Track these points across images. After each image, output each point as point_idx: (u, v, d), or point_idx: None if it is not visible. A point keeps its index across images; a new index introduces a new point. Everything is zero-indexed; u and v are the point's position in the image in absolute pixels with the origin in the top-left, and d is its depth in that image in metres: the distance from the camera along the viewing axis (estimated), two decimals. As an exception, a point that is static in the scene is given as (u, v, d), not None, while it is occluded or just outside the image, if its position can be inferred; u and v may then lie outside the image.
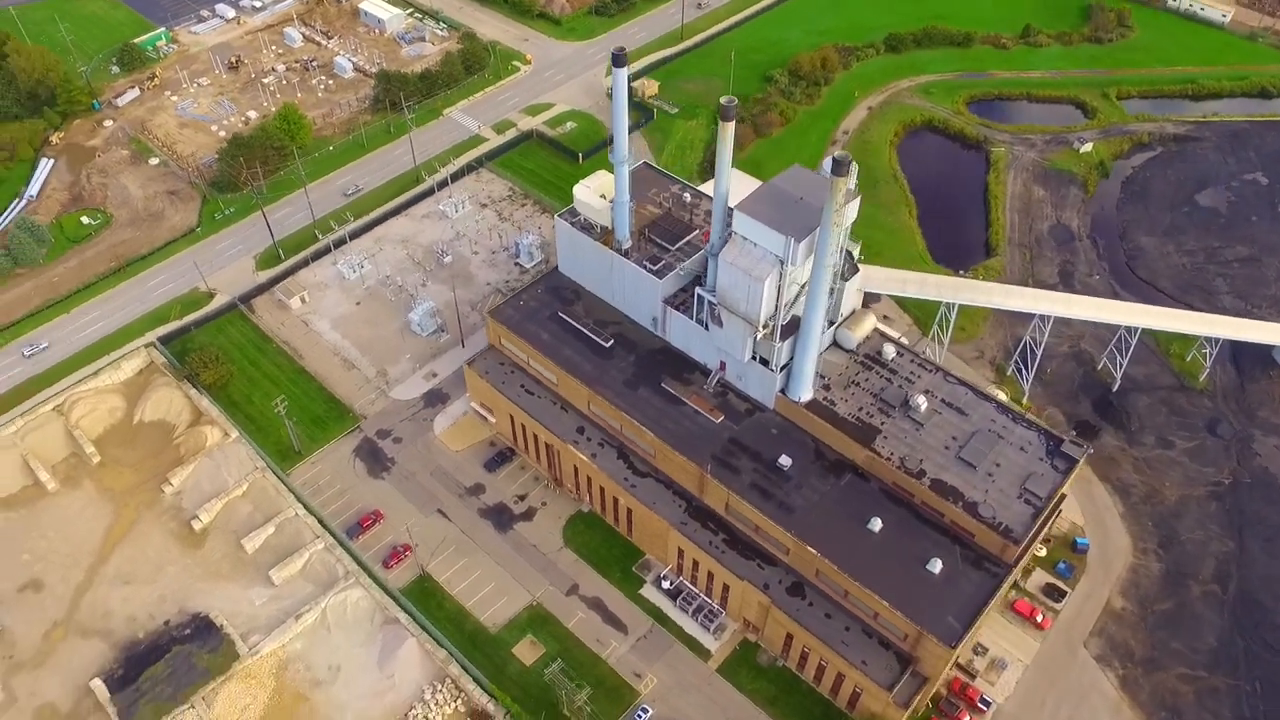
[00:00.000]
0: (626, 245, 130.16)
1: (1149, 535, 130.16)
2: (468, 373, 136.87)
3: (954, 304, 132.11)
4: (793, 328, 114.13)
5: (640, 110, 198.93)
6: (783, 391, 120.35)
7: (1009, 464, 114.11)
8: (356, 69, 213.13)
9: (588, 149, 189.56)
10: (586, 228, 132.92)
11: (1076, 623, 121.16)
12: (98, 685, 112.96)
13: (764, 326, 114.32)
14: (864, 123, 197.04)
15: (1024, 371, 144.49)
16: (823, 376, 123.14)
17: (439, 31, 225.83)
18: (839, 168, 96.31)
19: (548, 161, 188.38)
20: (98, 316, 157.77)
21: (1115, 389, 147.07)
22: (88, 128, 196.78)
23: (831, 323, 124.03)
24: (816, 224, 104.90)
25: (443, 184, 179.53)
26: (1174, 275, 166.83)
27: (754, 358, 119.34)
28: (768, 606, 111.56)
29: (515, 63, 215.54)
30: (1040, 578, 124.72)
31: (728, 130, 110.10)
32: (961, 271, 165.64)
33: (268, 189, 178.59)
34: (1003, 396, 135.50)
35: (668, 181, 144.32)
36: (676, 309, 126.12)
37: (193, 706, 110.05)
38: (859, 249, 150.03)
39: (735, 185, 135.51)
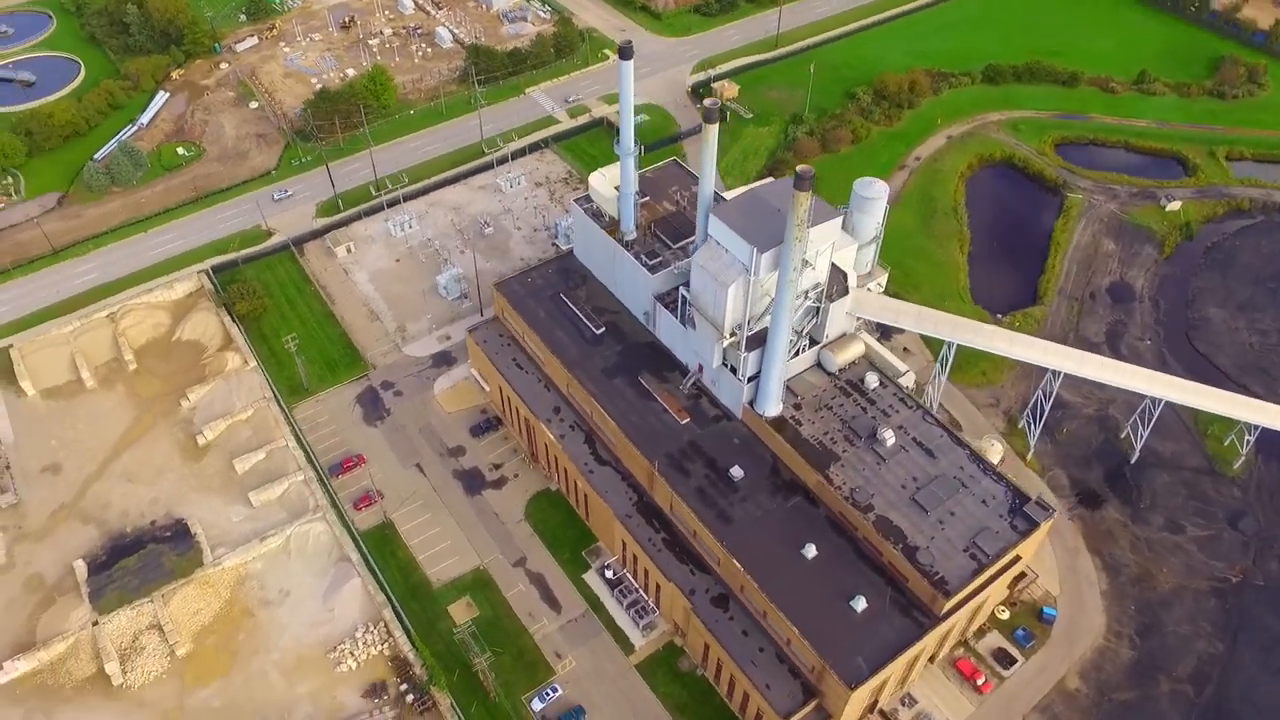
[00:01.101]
0: (630, 237, 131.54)
1: (1128, 619, 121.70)
2: (469, 339, 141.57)
3: (952, 343, 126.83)
4: (761, 339, 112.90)
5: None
6: (750, 403, 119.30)
7: (964, 515, 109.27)
8: (455, 40, 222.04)
9: (651, 142, 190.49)
10: (597, 215, 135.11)
11: (1022, 694, 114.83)
12: (79, 565, 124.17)
13: (730, 334, 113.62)
14: (939, 151, 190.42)
15: (1033, 426, 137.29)
16: (796, 395, 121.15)
17: (541, 14, 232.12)
18: (800, 182, 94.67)
19: (611, 150, 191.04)
20: (169, 239, 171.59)
21: (1133, 461, 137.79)
22: (206, 68, 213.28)
23: (815, 342, 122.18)
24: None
25: (503, 159, 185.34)
26: (1237, 353, 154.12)
27: (725, 365, 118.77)
28: (689, 612, 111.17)
29: (606, 51, 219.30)
30: (994, 640, 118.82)
31: (711, 132, 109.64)
32: (998, 315, 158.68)
33: (344, 143, 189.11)
34: (996, 449, 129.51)
35: (691, 180, 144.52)
36: (666, 307, 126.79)
37: (151, 601, 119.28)
38: (886, 276, 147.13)
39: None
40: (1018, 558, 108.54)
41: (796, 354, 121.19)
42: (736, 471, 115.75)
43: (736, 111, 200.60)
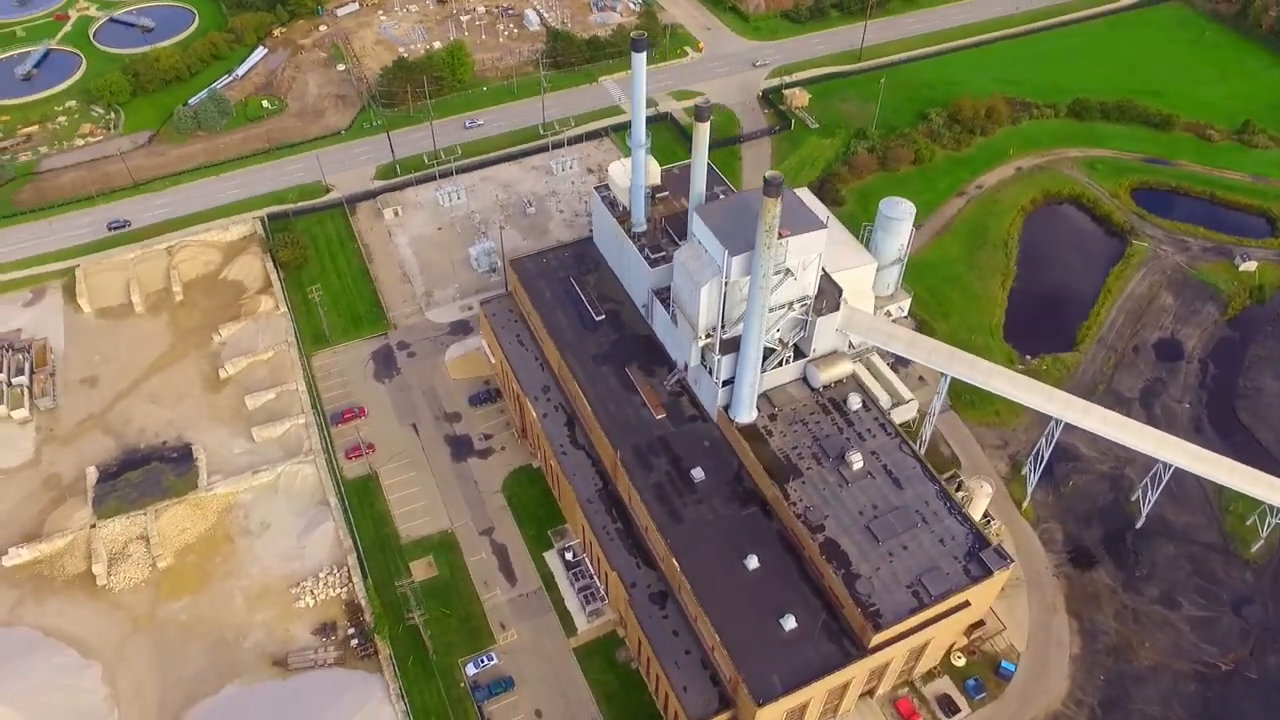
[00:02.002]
0: (640, 229, 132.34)
1: (1093, 689, 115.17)
2: (480, 311, 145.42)
3: (946, 375, 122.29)
4: (735, 345, 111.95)
5: (780, 117, 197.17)
6: (725, 408, 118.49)
7: (917, 551, 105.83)
8: (542, 23, 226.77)
9: (710, 142, 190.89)
10: (612, 205, 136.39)
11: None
12: (91, 472, 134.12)
13: (706, 335, 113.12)
14: (1004, 182, 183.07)
15: (1034, 474, 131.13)
16: (774, 405, 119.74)
17: (632, 4, 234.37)
18: (770, 189, 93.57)
19: (668, 145, 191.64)
20: (235, 185, 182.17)
21: (1138, 526, 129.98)
22: (305, 29, 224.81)
23: (802, 355, 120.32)
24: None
25: (559, 144, 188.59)
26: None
27: (704, 365, 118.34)
28: (627, 604, 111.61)
29: (686, 48, 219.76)
30: (943, 686, 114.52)
31: (702, 130, 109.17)
32: (1027, 357, 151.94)
33: (414, 112, 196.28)
34: (985, 491, 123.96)
35: (716, 182, 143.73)
36: (662, 302, 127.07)
37: (145, 514, 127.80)
38: (909, 300, 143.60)
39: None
40: (966, 603, 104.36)
41: (781, 364, 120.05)
42: (698, 473, 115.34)
43: (803, 120, 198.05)
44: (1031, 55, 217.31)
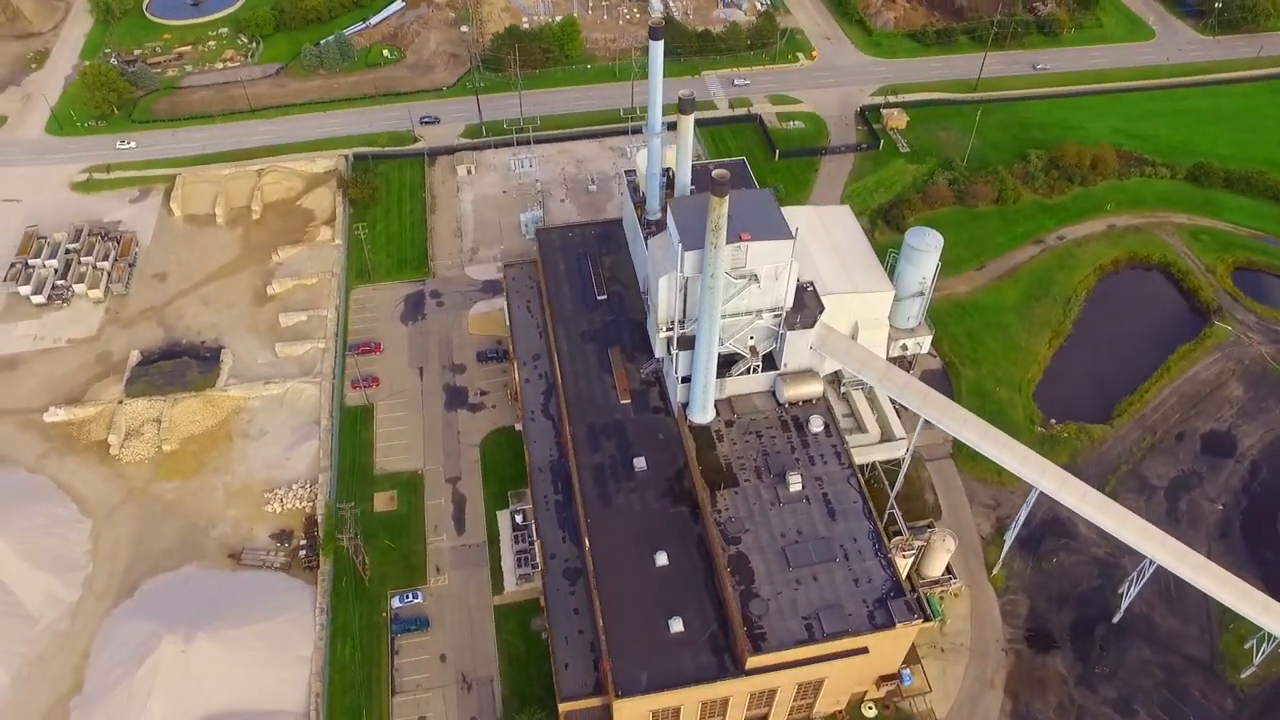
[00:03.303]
0: (654, 217, 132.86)
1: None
2: (503, 273, 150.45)
3: (920, 417, 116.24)
4: (691, 343, 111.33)
5: (872, 136, 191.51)
6: (685, 405, 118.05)
7: (826, 584, 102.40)
8: (666, 10, 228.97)
9: (789, 149, 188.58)
10: (634, 190, 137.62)
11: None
12: (134, 355, 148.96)
13: (666, 327, 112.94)
14: (1090, 237, 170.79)
15: (1009, 540, 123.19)
16: (734, 412, 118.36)
17: (759, 4, 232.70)
18: (717, 188, 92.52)
19: (748, 146, 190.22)
20: (334, 123, 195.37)
21: (1115, 620, 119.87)
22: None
23: (774, 367, 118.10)
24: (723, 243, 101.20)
25: (638, 129, 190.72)
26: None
27: (671, 358, 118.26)
28: (541, 573, 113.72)
29: (800, 54, 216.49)
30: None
31: (685, 123, 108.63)
32: (1052, 420, 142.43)
33: (514, 79, 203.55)
34: (948, 545, 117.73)
35: (746, 183, 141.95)
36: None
37: (164, 399, 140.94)
38: (930, 337, 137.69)
39: (818, 219, 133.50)
40: (864, 649, 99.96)
41: (749, 372, 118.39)
42: (640, 462, 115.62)
43: (895, 142, 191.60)
44: (1166, 110, 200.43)
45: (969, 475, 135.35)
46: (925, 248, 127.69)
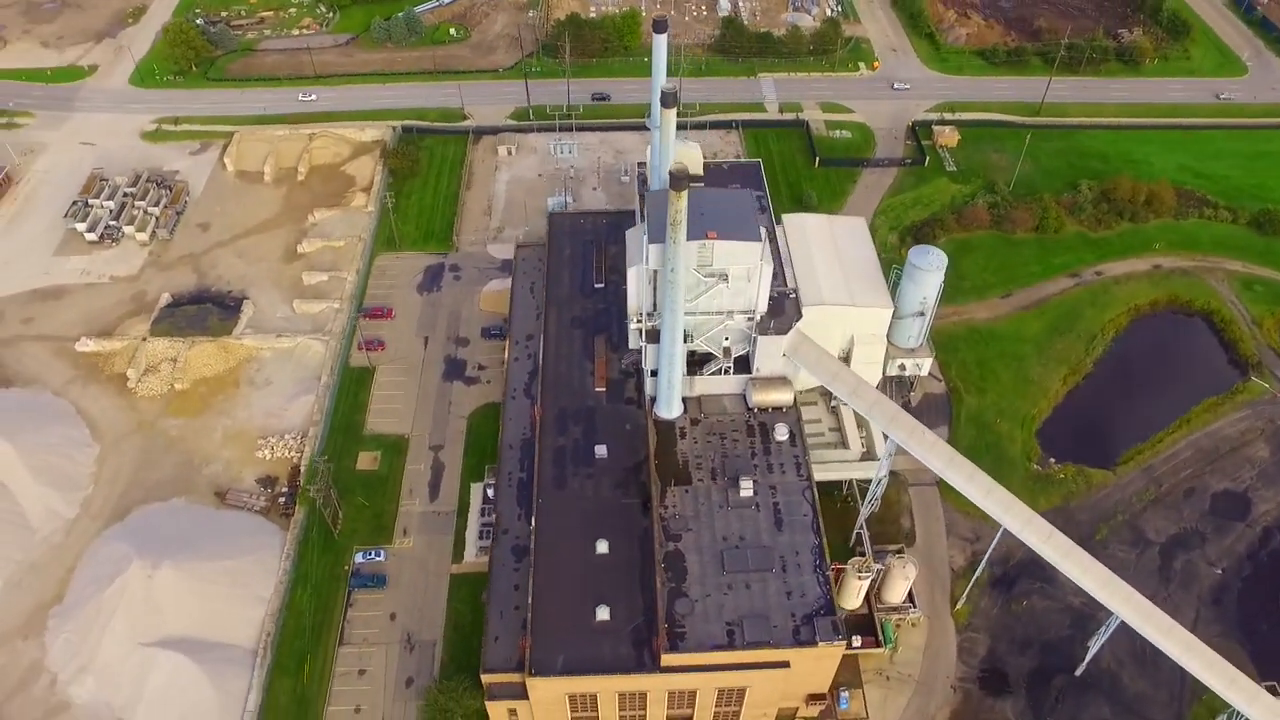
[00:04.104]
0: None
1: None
2: (515, 253, 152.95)
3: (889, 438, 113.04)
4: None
5: (919, 152, 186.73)
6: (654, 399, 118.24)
7: (758, 593, 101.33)
8: (733, 9, 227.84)
9: (831, 158, 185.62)
10: (643, 181, 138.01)
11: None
12: (165, 297, 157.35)
13: (636, 319, 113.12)
14: (1131, 275, 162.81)
15: (973, 576, 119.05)
16: (702, 411, 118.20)
17: (829, 11, 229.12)
18: (674, 182, 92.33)
19: (790, 151, 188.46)
20: (389, 95, 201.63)
21: (1077, 673, 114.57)
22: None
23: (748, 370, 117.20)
24: (691, 236, 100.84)
25: (682, 125, 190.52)
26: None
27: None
28: (491, 548, 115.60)
29: (861, 64, 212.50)
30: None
31: (669, 116, 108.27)
32: (1051, 460, 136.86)
33: (570, 66, 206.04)
34: (908, 573, 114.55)
35: (755, 185, 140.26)
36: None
37: (184, 341, 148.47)
38: (930, 361, 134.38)
39: (829, 228, 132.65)
40: (785, 663, 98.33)
41: (722, 372, 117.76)
42: (601, 450, 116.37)
43: (942, 160, 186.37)
44: (1243, 151, 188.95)
45: (951, 505, 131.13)
46: (927, 266, 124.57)
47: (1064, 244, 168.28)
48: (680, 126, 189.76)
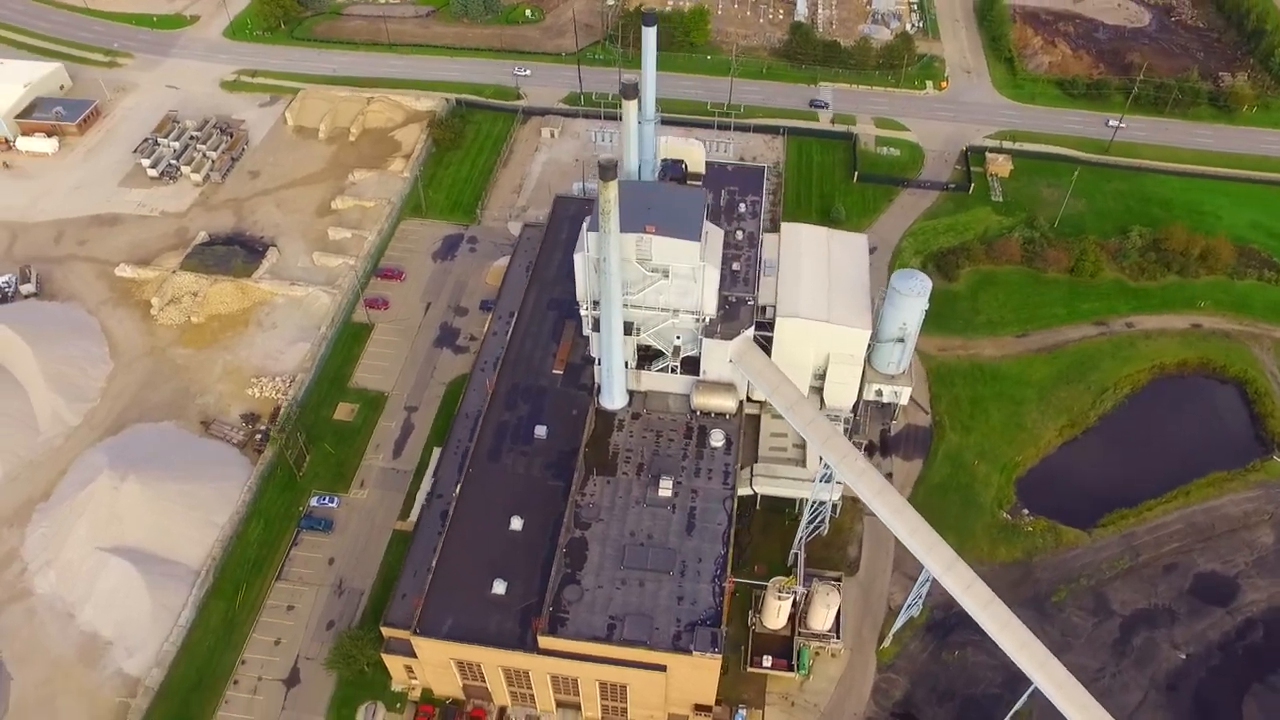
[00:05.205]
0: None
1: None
2: (521, 232, 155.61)
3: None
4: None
5: (966, 178, 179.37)
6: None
7: (650, 593, 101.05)
8: (810, 17, 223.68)
9: (872, 174, 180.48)
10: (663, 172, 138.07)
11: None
12: (201, 235, 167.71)
13: (584, 306, 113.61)
14: (1164, 332, 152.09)
15: (901, 618, 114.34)
16: (645, 407, 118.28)
17: (909, 27, 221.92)
18: (603, 172, 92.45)
19: (833, 163, 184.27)
20: (454, 68, 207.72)
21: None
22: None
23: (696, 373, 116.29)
24: (628, 229, 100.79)
25: (725, 126, 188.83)
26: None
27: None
28: (421, 510, 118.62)
29: (929, 82, 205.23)
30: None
31: (629, 108, 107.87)
32: (1025, 511, 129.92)
33: (629, 56, 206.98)
34: (831, 600, 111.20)
35: (756, 191, 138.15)
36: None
37: (207, 279, 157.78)
38: (909, 391, 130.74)
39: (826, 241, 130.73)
40: (662, 667, 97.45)
41: (668, 371, 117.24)
42: (541, 431, 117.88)
43: (990, 188, 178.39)
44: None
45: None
46: (908, 291, 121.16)
47: (1098, 289, 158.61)
48: (723, 128, 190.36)
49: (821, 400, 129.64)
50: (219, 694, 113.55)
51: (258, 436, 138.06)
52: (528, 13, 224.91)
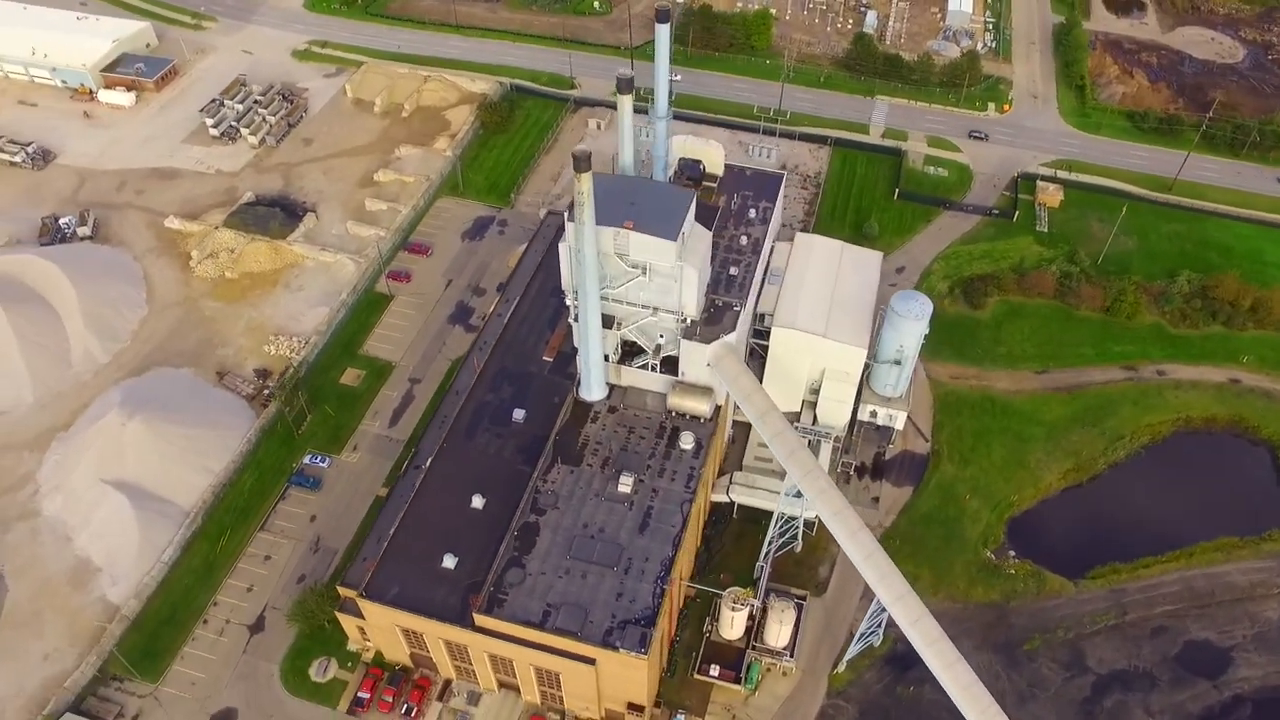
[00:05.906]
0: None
1: None
2: (543, 218, 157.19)
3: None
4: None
5: (1012, 203, 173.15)
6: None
7: (591, 586, 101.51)
8: (878, 29, 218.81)
9: (914, 193, 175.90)
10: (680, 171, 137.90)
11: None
12: (247, 195, 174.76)
13: (568, 295, 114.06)
14: (1196, 384, 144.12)
15: (854, 647, 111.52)
16: (622, 401, 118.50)
17: (980, 46, 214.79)
18: (577, 164, 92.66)
19: (875, 178, 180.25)
20: (514, 53, 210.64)
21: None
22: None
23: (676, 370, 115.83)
24: (607, 223, 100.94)
25: (770, 131, 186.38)
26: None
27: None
28: (395, 480, 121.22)
29: (991, 104, 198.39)
30: None
31: (624, 103, 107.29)
32: (1011, 553, 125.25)
33: (690, 54, 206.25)
34: (789, 616, 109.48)
35: (761, 196, 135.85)
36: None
37: (245, 237, 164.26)
38: (904, 417, 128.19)
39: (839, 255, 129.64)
40: (591, 660, 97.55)
41: (648, 368, 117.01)
42: (519, 415, 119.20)
43: (1037, 218, 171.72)
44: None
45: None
46: (907, 314, 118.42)
47: (1133, 333, 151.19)
48: (768, 133, 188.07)
49: (814, 416, 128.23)
50: (188, 631, 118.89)
51: (265, 391, 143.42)
52: (596, 4, 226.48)
